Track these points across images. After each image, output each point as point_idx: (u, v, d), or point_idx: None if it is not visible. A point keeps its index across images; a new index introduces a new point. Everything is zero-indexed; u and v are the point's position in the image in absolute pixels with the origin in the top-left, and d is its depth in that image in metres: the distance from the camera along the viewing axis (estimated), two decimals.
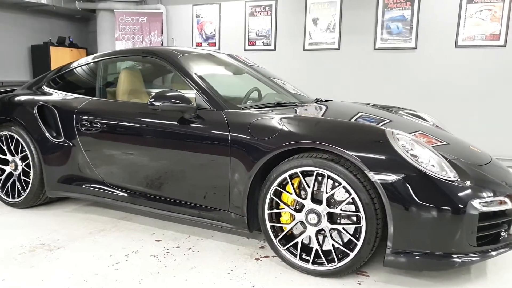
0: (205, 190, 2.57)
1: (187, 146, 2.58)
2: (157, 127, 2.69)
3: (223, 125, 2.47)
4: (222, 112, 2.55)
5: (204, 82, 2.73)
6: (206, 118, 2.56)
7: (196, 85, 2.70)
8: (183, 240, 2.75)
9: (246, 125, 2.41)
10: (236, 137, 2.40)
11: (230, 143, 2.41)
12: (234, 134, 2.41)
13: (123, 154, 2.84)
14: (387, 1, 5.50)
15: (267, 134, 2.31)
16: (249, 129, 2.38)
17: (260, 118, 2.42)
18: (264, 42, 6.40)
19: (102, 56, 3.25)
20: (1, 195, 3.36)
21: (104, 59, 3.22)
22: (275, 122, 2.35)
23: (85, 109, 3.01)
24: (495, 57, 5.02)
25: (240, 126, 2.42)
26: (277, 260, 2.46)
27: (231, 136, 2.41)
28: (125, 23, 7.04)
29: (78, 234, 2.82)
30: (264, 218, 2.36)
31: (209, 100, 2.62)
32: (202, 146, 2.53)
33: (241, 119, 2.46)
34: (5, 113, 3.30)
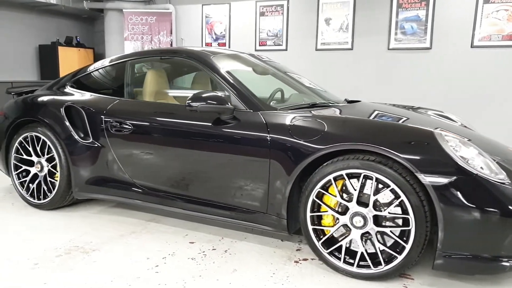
0: (242, 192, 2.54)
1: (223, 147, 2.56)
2: (192, 128, 2.65)
3: (262, 126, 2.44)
4: (260, 113, 2.53)
5: (238, 83, 2.70)
6: (243, 119, 2.53)
7: (231, 86, 2.67)
8: (217, 242, 2.72)
9: (286, 126, 2.38)
10: (276, 139, 2.37)
11: (270, 145, 2.39)
12: (274, 136, 2.39)
13: (156, 156, 2.80)
14: (401, 1, 5.50)
15: (310, 135, 2.29)
16: (290, 131, 2.36)
17: (302, 119, 2.40)
18: (275, 42, 6.37)
19: (129, 56, 3.21)
20: (26, 197, 3.31)
21: (132, 59, 3.18)
22: (318, 123, 2.33)
23: (115, 110, 2.97)
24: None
25: (280, 127, 2.40)
26: (317, 263, 2.44)
27: (271, 137, 2.39)
28: (134, 23, 6.98)
29: (109, 236, 2.78)
30: (306, 221, 2.34)
31: (245, 101, 2.60)
32: (240, 147, 2.50)
33: (281, 120, 2.44)
34: (30, 114, 3.25)
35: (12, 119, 3.32)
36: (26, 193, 3.32)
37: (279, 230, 2.48)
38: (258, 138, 2.43)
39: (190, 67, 3.35)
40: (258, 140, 2.43)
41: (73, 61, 7.47)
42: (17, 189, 3.37)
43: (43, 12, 7.46)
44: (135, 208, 3.32)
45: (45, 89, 3.58)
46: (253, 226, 2.58)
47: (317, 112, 2.60)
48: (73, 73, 3.56)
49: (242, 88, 2.67)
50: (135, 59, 3.18)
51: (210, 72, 2.80)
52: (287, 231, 2.46)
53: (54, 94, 3.34)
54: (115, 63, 3.25)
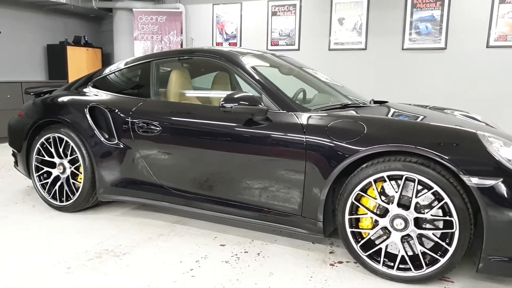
0: (275, 194, 2.51)
1: (256, 149, 2.52)
2: (224, 129, 2.61)
3: (297, 127, 2.41)
4: (294, 114, 2.49)
5: (270, 84, 2.67)
6: (276, 120, 2.50)
7: (262, 87, 2.64)
8: (248, 245, 2.69)
9: (323, 127, 2.35)
10: (313, 140, 2.34)
11: (306, 146, 2.36)
12: (311, 137, 2.35)
13: (185, 157, 2.76)
14: (416, 1, 5.48)
15: (349, 136, 2.26)
16: (327, 132, 2.32)
17: (340, 120, 2.36)
18: (287, 42, 6.34)
19: (154, 56, 3.16)
20: (48, 199, 3.26)
21: (157, 59, 3.14)
22: (357, 124, 2.30)
23: (142, 110, 2.93)
24: None
25: (317, 128, 2.36)
26: (353, 266, 2.41)
27: (307, 139, 2.36)
28: (144, 22, 6.93)
29: (138, 239, 2.74)
30: (344, 224, 2.30)
31: (278, 101, 2.56)
32: (273, 149, 2.46)
33: (317, 121, 2.40)
34: (53, 115, 3.20)
35: (34, 120, 3.27)
36: (48, 195, 3.27)
37: (314, 233, 2.45)
38: (294, 139, 2.40)
39: (217, 67, 3.31)
40: (293, 141, 2.40)
41: (82, 61, 7.42)
42: (38, 191, 3.33)
43: (50, 11, 7.40)
44: (159, 210, 3.28)
45: (64, 90, 3.54)
46: (285, 229, 2.55)
47: (353, 113, 2.57)
48: (93, 74, 3.51)
49: (274, 88, 2.64)
50: (161, 59, 3.14)
51: (240, 72, 2.77)
52: (323, 234, 2.43)
53: (76, 95, 3.30)
54: (139, 63, 3.20)
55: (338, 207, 2.32)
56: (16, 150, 3.48)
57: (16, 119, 3.55)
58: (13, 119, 3.61)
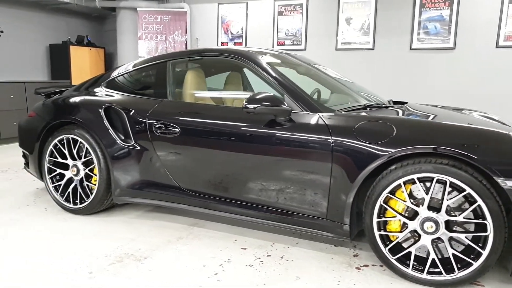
0: (299, 196, 2.47)
1: (279, 150, 2.47)
2: (245, 130, 2.57)
3: (323, 128, 2.37)
4: (319, 115, 2.45)
5: (292, 84, 2.63)
6: (300, 121, 2.45)
7: (284, 87, 2.60)
8: (270, 248, 2.64)
9: (351, 128, 2.31)
10: (340, 142, 2.30)
11: (332, 148, 2.31)
12: (337, 139, 2.31)
13: (205, 159, 2.71)
14: (425, 1, 5.46)
15: (378, 138, 2.22)
16: (355, 133, 2.28)
17: (368, 121, 2.32)
18: (294, 42, 6.30)
19: (170, 56, 3.11)
20: (61, 201, 3.20)
21: (173, 60, 3.08)
22: (386, 126, 2.26)
23: (160, 111, 2.87)
24: None
25: (344, 129, 2.32)
26: (379, 269, 2.37)
27: (334, 140, 2.31)
28: (148, 22, 6.86)
29: (157, 243, 2.69)
30: (372, 227, 2.26)
31: (302, 102, 2.52)
32: (298, 151, 2.42)
33: (344, 122, 2.36)
34: (67, 116, 3.13)
35: (47, 121, 3.20)
36: (61, 197, 3.21)
37: (339, 236, 2.40)
38: (319, 140, 2.35)
39: (235, 67, 3.27)
40: (319, 143, 2.35)
41: (84, 60, 7.33)
42: (51, 194, 3.26)
43: (53, 11, 7.31)
44: (175, 212, 3.23)
45: (75, 90, 3.47)
46: (309, 232, 2.50)
47: (379, 114, 2.52)
48: (105, 74, 3.45)
49: (297, 89, 2.59)
50: (177, 59, 3.08)
51: (260, 72, 2.72)
52: (349, 237, 2.39)
53: (89, 95, 3.24)
54: (154, 63, 3.14)
55: (365, 209, 2.28)
56: (27, 151, 3.41)
57: (27, 120, 3.48)
58: (24, 120, 3.54)
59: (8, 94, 6.11)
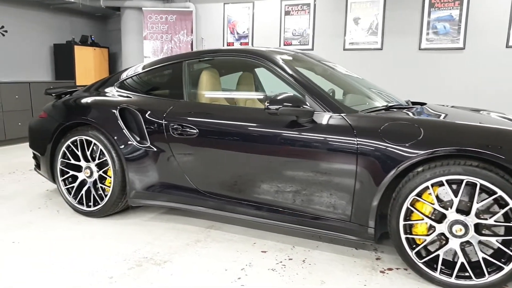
0: (321, 199, 2.42)
1: (301, 152, 2.43)
2: (266, 132, 2.52)
3: (347, 130, 2.32)
4: (342, 115, 2.41)
5: (314, 84, 2.58)
6: (322, 122, 2.41)
7: (306, 88, 2.55)
8: (290, 251, 2.60)
9: (376, 129, 2.27)
10: (365, 143, 2.26)
11: (358, 150, 2.27)
12: (363, 140, 2.27)
13: (224, 161, 2.66)
14: (434, 1, 5.43)
15: (405, 139, 2.18)
16: (381, 134, 2.24)
17: (394, 122, 2.28)
18: (301, 42, 6.26)
19: (186, 56, 3.06)
20: (74, 204, 3.14)
21: (189, 60, 3.03)
22: (413, 127, 2.22)
23: (176, 112, 2.83)
24: None
25: (369, 131, 2.28)
26: (404, 273, 2.33)
27: (359, 142, 2.27)
28: (154, 21, 6.81)
29: (175, 246, 2.64)
30: (399, 230, 2.22)
31: (324, 102, 2.47)
32: (321, 153, 2.37)
33: (369, 123, 2.32)
34: (79, 116, 3.08)
35: (59, 122, 3.15)
36: (74, 200, 3.15)
37: (364, 239, 2.36)
38: (344, 142, 2.31)
39: (249, 68, 3.22)
40: (343, 144, 2.31)
41: (89, 60, 7.27)
42: (63, 196, 3.21)
43: (56, 10, 7.24)
44: (190, 215, 3.18)
45: (86, 91, 3.42)
46: (331, 235, 2.46)
47: (405, 115, 2.48)
48: (117, 74, 3.40)
49: (319, 89, 2.55)
50: (193, 59, 3.03)
51: (280, 73, 2.67)
52: (373, 240, 2.35)
53: (103, 96, 3.19)
54: (170, 63, 3.09)
55: (391, 212, 2.24)
56: (38, 153, 3.36)
57: (38, 121, 3.42)
58: (35, 121, 3.48)
59: (13, 95, 6.04)
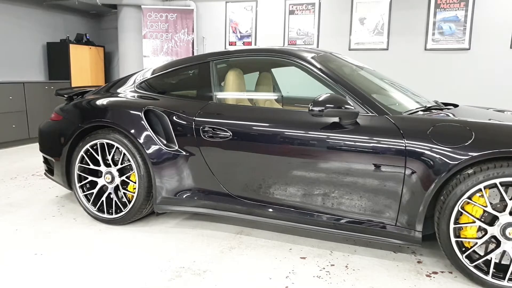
0: (366, 203, 2.36)
1: (346, 155, 2.36)
2: (307, 134, 2.44)
3: (395, 131, 2.27)
4: (387, 117, 2.35)
5: (354, 85, 2.52)
6: (367, 124, 2.34)
7: (348, 89, 2.48)
8: (330, 257, 2.52)
9: (425, 131, 2.22)
10: (415, 145, 2.20)
11: (406, 152, 2.21)
12: (412, 142, 2.21)
13: (260, 164, 2.57)
14: (440, 2, 5.45)
15: (456, 141, 2.13)
16: (430, 136, 2.19)
17: (444, 124, 2.23)
18: (305, 42, 6.21)
19: (213, 56, 2.94)
20: (94, 211, 2.99)
21: (217, 59, 2.92)
22: (463, 129, 2.17)
23: (207, 114, 2.72)
24: None
25: (418, 132, 2.22)
26: (450, 276, 2.29)
27: (408, 144, 2.22)
28: (153, 20, 6.63)
29: (210, 254, 2.53)
30: (449, 233, 2.17)
31: (367, 104, 2.41)
32: (366, 155, 2.31)
33: (417, 125, 2.27)
34: (98, 119, 2.92)
35: (78, 124, 2.99)
36: (94, 207, 3.00)
37: (410, 243, 2.31)
38: (392, 144, 2.25)
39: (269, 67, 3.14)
40: (391, 147, 2.25)
41: (85, 59, 7.04)
42: (81, 203, 3.05)
43: (50, 7, 6.98)
44: (214, 220, 3.06)
45: (104, 91, 3.27)
46: (372, 239, 2.40)
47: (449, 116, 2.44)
48: (134, 75, 3.27)
49: (361, 90, 2.48)
50: (221, 59, 2.92)
51: (318, 73, 2.59)
52: (419, 244, 2.29)
53: (125, 97, 3.05)
54: (195, 63, 2.97)
55: (440, 215, 2.19)
56: (51, 157, 3.18)
57: (50, 124, 3.25)
58: (46, 124, 3.30)
59: (6, 95, 5.78)
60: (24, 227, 2.91)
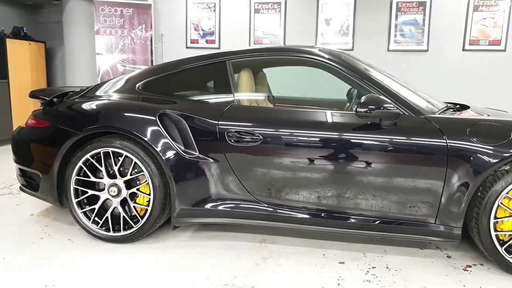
0: (407, 202, 2.37)
1: (386, 156, 2.34)
2: (345, 136, 2.38)
3: (436, 131, 2.30)
4: (425, 117, 2.38)
5: (391, 86, 2.52)
6: (406, 124, 2.35)
7: (382, 89, 2.46)
8: (366, 259, 2.49)
9: (464, 130, 2.28)
10: (456, 144, 2.25)
11: (448, 152, 2.26)
12: (453, 141, 2.26)
13: (295, 168, 2.45)
14: (400, 5, 5.75)
15: (496, 140, 2.22)
16: (469, 135, 2.26)
17: (482, 123, 2.31)
18: (272, 41, 6.16)
19: (230, 55, 2.74)
20: (96, 230, 2.62)
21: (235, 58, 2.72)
22: (501, 127, 2.27)
23: (231, 117, 2.53)
24: (497, 60, 5.62)
25: (459, 132, 2.28)
26: (483, 268, 2.40)
27: (449, 143, 2.26)
28: (107, 14, 6.10)
29: (246, 267, 2.36)
30: (489, 227, 2.26)
31: (403, 104, 2.42)
32: (409, 155, 2.32)
33: (456, 124, 2.33)
34: (102, 125, 2.57)
35: (74, 131, 2.60)
36: (96, 225, 2.64)
37: (449, 239, 2.36)
38: (434, 144, 2.28)
39: (311, 68, 3.02)
40: (433, 146, 2.28)
41: (24, 56, 6.24)
42: (80, 222, 2.66)
43: None
44: (228, 229, 2.86)
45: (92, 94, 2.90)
46: (411, 238, 2.42)
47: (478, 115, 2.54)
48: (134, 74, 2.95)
49: (397, 91, 2.49)
50: (240, 58, 2.73)
51: (351, 74, 2.55)
52: (458, 240, 2.36)
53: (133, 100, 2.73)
54: (210, 62, 2.75)
55: (481, 210, 2.27)
56: (37, 170, 2.74)
57: (31, 131, 2.79)
58: (25, 131, 2.84)
59: None
60: (12, 254, 2.46)
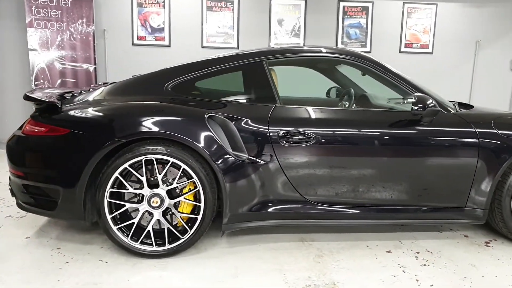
0: (446, 191, 2.63)
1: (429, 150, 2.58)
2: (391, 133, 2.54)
3: (467, 125, 2.59)
4: (456, 113, 2.67)
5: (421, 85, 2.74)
6: (441, 120, 2.60)
7: (417, 89, 2.68)
8: (406, 246, 2.70)
9: (490, 123, 2.62)
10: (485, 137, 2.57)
11: (479, 143, 2.57)
12: (483, 134, 2.58)
13: (347, 167, 2.53)
14: (346, 9, 6.18)
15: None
16: (495, 127, 2.60)
17: (503, 117, 2.67)
18: (225, 40, 6.09)
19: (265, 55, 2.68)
20: (136, 246, 2.36)
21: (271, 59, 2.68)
22: None
23: (280, 118, 2.50)
24: (426, 62, 6.42)
25: (486, 125, 2.61)
26: (499, 243, 2.79)
27: (480, 136, 2.57)
28: (41, 5, 5.34)
29: (310, 266, 2.38)
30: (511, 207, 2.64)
31: (438, 102, 2.65)
32: (448, 149, 2.58)
33: (483, 118, 2.65)
34: (140, 130, 2.32)
35: (110, 139, 2.29)
36: (136, 241, 2.38)
37: (475, 220, 2.69)
38: (468, 137, 2.56)
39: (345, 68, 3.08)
40: (468, 139, 2.56)
41: None
42: (117, 239, 2.37)
43: None
44: (261, 231, 2.82)
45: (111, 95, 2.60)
46: (445, 223, 2.71)
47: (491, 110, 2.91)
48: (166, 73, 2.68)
49: (428, 90, 2.72)
50: (276, 59, 2.69)
51: (389, 75, 2.73)
52: (484, 221, 2.70)
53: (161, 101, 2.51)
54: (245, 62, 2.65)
55: (504, 193, 2.63)
56: (58, 185, 2.35)
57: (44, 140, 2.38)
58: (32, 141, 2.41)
59: None
60: (48, 286, 2.09)
